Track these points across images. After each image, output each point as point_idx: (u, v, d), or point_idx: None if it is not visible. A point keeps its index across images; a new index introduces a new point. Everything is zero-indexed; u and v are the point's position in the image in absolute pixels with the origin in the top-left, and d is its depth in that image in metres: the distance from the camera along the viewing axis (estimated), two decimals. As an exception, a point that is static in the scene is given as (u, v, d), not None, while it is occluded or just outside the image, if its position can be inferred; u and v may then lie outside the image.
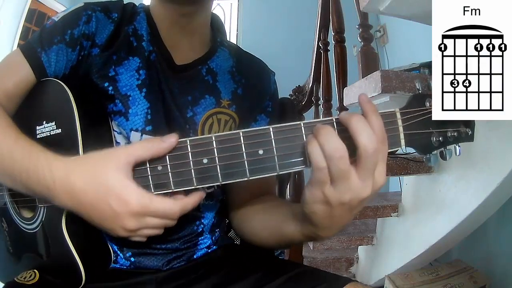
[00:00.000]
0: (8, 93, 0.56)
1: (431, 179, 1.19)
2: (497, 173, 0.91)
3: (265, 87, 0.69)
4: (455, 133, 0.41)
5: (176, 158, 0.42)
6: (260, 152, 0.40)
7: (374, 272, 1.49)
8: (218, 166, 0.41)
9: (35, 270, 0.56)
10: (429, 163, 0.43)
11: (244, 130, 0.40)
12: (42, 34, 0.56)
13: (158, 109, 0.59)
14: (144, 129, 0.58)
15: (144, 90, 0.59)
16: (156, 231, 0.45)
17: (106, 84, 0.57)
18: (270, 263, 0.64)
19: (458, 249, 1.46)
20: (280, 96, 0.72)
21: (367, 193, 0.38)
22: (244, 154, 0.40)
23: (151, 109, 0.59)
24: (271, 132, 0.40)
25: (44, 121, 0.54)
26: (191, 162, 0.41)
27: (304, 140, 0.39)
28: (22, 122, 0.57)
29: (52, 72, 0.56)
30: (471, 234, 1.20)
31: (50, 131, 0.53)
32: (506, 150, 0.89)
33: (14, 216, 0.60)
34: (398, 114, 0.40)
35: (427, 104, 0.40)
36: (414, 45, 2.23)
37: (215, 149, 0.41)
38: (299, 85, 2.02)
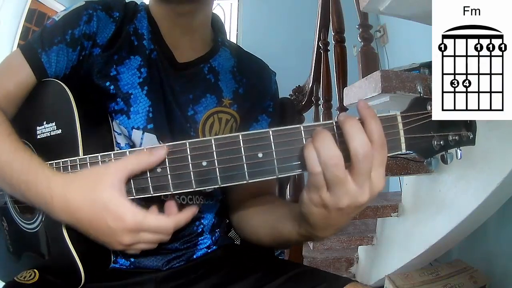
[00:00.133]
0: (8, 95, 0.56)
1: (431, 179, 1.19)
2: (497, 173, 0.91)
3: (266, 87, 0.69)
4: (456, 137, 0.41)
5: (175, 160, 0.42)
6: (260, 155, 0.40)
7: (374, 272, 1.48)
8: (217, 169, 0.41)
9: (35, 270, 0.56)
10: (430, 167, 0.42)
11: (243, 133, 0.40)
12: (43, 34, 0.56)
13: (159, 107, 0.59)
14: (146, 127, 0.58)
15: (145, 88, 0.59)
16: (150, 246, 0.47)
17: (108, 83, 0.57)
18: (270, 263, 0.65)
19: (458, 249, 1.45)
20: (280, 96, 0.72)
21: (364, 198, 0.38)
22: (244, 157, 0.40)
23: (152, 107, 0.58)
24: (270, 136, 0.39)
25: (45, 122, 0.54)
26: (191, 164, 0.41)
27: (304, 144, 0.39)
28: (23, 122, 0.58)
29: (52, 73, 0.56)
30: (471, 234, 1.20)
31: (50, 131, 0.53)
32: (506, 150, 0.88)
33: (14, 215, 0.60)
34: (399, 118, 0.40)
35: (429, 108, 0.40)
36: (414, 45, 2.23)
37: (214, 152, 0.41)
38: (299, 85, 2.02)
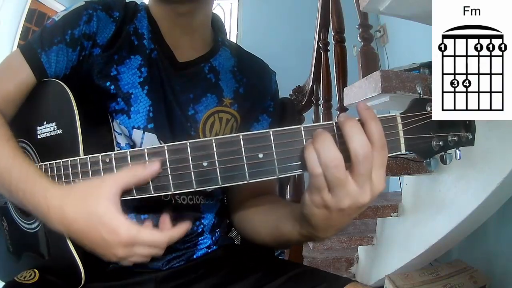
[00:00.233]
0: (8, 96, 0.56)
1: (431, 179, 1.19)
2: (497, 173, 0.91)
3: (267, 87, 0.69)
4: (455, 138, 0.41)
5: (176, 161, 0.42)
6: (260, 155, 0.40)
7: (374, 272, 1.48)
8: (218, 169, 0.41)
9: (35, 270, 0.56)
10: (430, 168, 0.42)
11: (244, 133, 0.40)
12: (43, 34, 0.56)
13: (159, 107, 0.59)
14: (146, 127, 0.58)
15: (146, 87, 0.59)
16: (144, 259, 0.47)
17: (108, 83, 0.57)
18: (270, 263, 0.65)
19: (458, 249, 1.45)
20: (280, 96, 0.72)
21: (365, 199, 0.38)
22: (244, 158, 0.40)
23: (153, 106, 0.59)
24: (271, 136, 0.39)
25: (45, 122, 0.54)
26: (191, 165, 0.41)
27: (304, 145, 0.39)
28: (23, 122, 0.58)
29: (52, 73, 0.56)
30: (471, 234, 1.20)
31: (50, 131, 0.53)
32: (506, 150, 0.88)
33: (15, 215, 0.60)
34: (399, 119, 0.40)
35: (428, 109, 0.40)
36: (414, 45, 2.23)
37: (215, 153, 0.41)
38: (299, 85, 2.02)
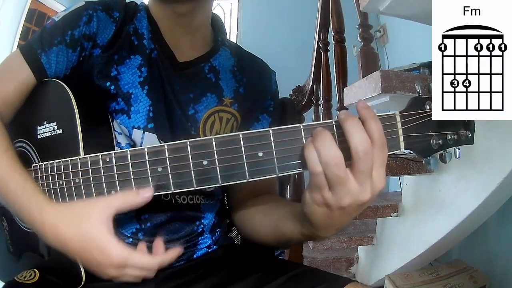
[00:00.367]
0: (7, 97, 0.56)
1: (431, 179, 1.19)
2: (497, 173, 0.91)
3: (267, 86, 0.69)
4: (454, 136, 0.41)
5: (176, 160, 0.42)
6: (260, 154, 0.40)
7: (374, 272, 1.48)
8: (218, 168, 0.41)
9: (35, 270, 0.56)
10: (429, 166, 0.42)
11: (243, 132, 0.40)
12: (42, 35, 0.56)
13: (160, 107, 0.59)
14: (146, 127, 0.58)
15: (146, 87, 0.59)
16: (136, 280, 0.48)
17: (108, 84, 0.57)
18: (270, 263, 0.65)
19: (458, 249, 1.45)
20: (280, 96, 0.72)
21: (366, 197, 0.38)
22: (244, 156, 0.40)
23: (153, 106, 0.59)
24: (270, 135, 0.40)
25: (45, 122, 0.54)
26: (191, 164, 0.41)
27: (304, 143, 0.39)
28: (23, 122, 0.58)
29: (52, 73, 0.56)
30: (471, 234, 1.20)
31: (51, 131, 0.53)
32: (506, 150, 0.88)
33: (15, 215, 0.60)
34: (398, 117, 0.40)
35: (427, 107, 0.40)
36: (414, 45, 2.23)
37: (215, 151, 0.41)
38: (299, 85, 2.02)
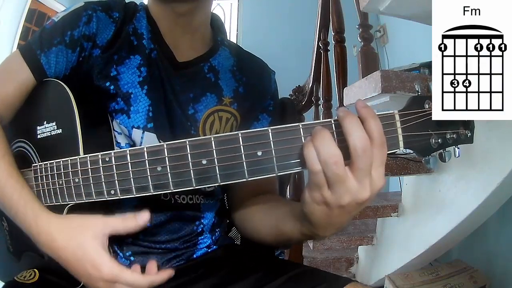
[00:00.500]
0: (7, 98, 0.56)
1: (431, 179, 1.19)
2: (497, 173, 0.91)
3: (266, 86, 0.69)
4: (454, 135, 0.41)
5: (175, 159, 0.42)
6: (259, 153, 0.40)
7: (374, 272, 1.49)
8: (217, 167, 0.41)
9: (35, 269, 0.57)
10: (428, 165, 0.42)
11: (243, 131, 0.40)
12: (42, 35, 0.56)
13: (159, 106, 0.59)
14: (146, 126, 0.58)
15: (145, 87, 0.59)
16: None
17: (108, 84, 0.57)
18: (270, 263, 0.65)
19: (458, 249, 1.45)
20: (280, 96, 0.72)
21: (365, 195, 0.38)
22: (243, 156, 0.40)
23: (152, 106, 0.59)
24: (269, 134, 0.39)
25: (45, 121, 0.54)
26: (190, 163, 0.41)
27: (303, 142, 0.39)
28: (23, 122, 0.58)
29: (52, 74, 0.56)
30: (471, 234, 1.20)
31: (50, 131, 0.53)
32: (506, 150, 0.89)
33: (14, 216, 0.60)
34: (397, 116, 0.40)
35: (426, 106, 0.40)
36: (414, 45, 2.23)
37: (214, 151, 0.41)
38: (299, 85, 2.02)
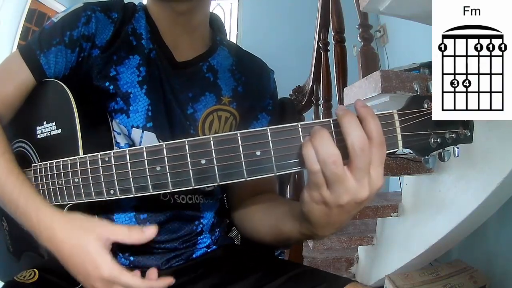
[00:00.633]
0: (7, 98, 0.56)
1: (431, 179, 1.19)
2: (497, 173, 0.91)
3: (265, 85, 0.69)
4: (453, 135, 0.41)
5: (174, 159, 0.42)
6: (258, 153, 0.40)
7: (374, 272, 1.49)
8: (216, 167, 0.41)
9: (34, 269, 0.57)
10: (428, 165, 0.42)
11: (241, 131, 0.40)
12: (41, 36, 0.56)
13: (158, 106, 0.59)
14: (145, 126, 0.58)
15: (144, 87, 0.59)
16: None
17: (107, 84, 0.57)
18: (270, 263, 0.64)
19: (458, 249, 1.45)
20: (280, 96, 0.72)
21: (364, 195, 0.38)
22: (242, 155, 0.40)
23: (151, 105, 0.59)
24: (268, 134, 0.39)
25: (45, 122, 0.54)
26: (189, 163, 0.41)
27: (301, 142, 0.39)
28: (23, 122, 0.58)
29: (52, 74, 0.56)
30: (471, 234, 1.20)
31: (50, 131, 0.54)
32: (506, 150, 0.88)
33: (14, 216, 0.60)
34: (396, 116, 0.40)
35: (425, 106, 0.40)
36: (414, 45, 2.23)
37: (213, 150, 0.41)
38: (299, 85, 2.02)
